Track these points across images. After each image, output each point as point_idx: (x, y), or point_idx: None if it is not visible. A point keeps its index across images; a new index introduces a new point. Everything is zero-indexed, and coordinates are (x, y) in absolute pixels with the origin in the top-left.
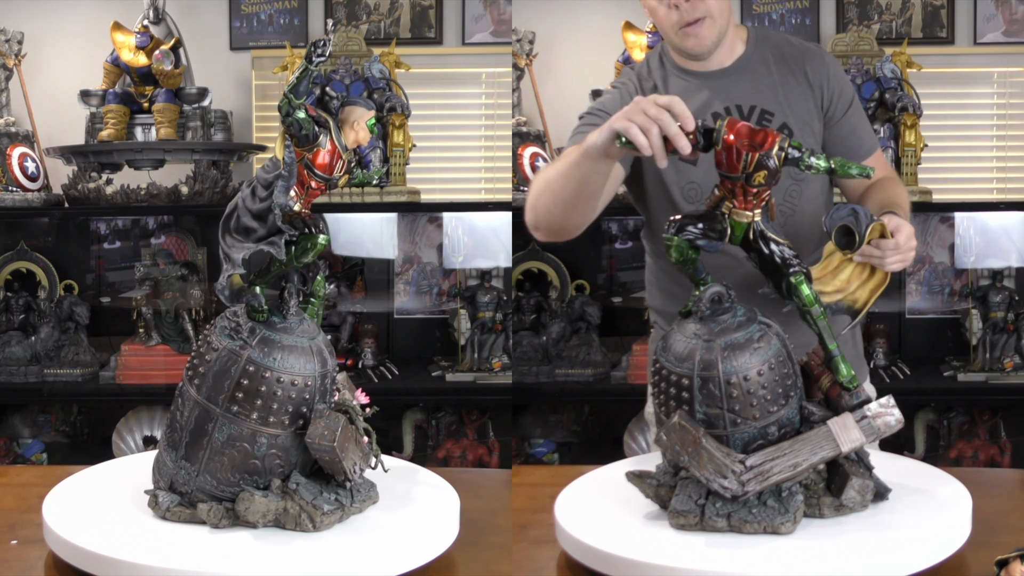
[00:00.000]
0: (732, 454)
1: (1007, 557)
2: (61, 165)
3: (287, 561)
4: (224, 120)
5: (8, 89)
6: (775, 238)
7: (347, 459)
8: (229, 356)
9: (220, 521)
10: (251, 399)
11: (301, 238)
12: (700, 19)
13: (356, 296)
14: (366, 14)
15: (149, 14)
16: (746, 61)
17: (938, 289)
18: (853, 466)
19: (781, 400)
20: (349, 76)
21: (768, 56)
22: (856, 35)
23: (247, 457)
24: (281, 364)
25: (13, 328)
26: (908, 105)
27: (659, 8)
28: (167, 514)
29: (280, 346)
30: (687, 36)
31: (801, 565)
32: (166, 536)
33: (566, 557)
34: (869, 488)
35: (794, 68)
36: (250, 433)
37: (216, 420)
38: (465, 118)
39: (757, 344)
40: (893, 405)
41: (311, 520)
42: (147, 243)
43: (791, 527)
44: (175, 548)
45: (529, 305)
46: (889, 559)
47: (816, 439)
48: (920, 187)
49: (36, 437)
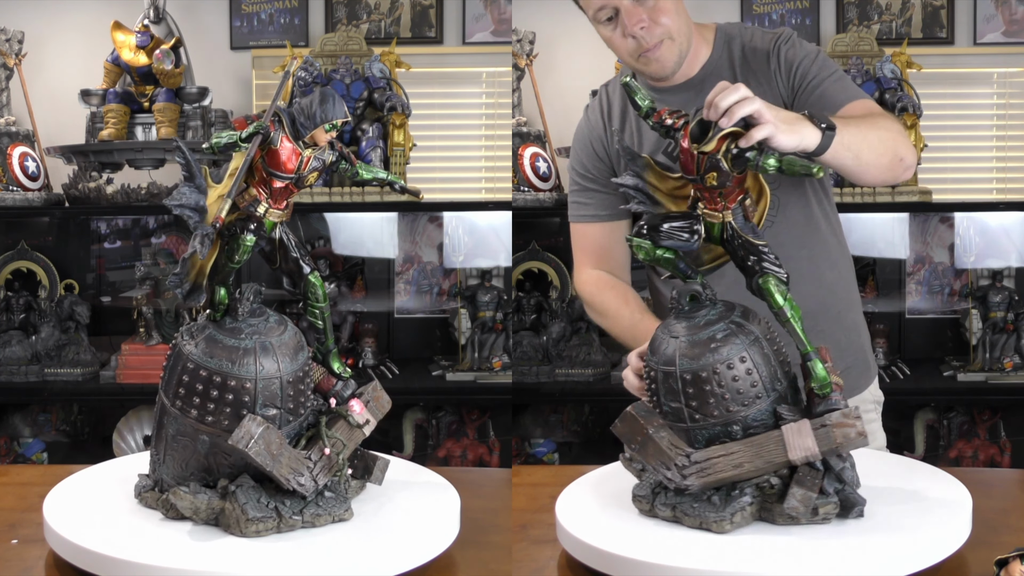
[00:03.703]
0: (680, 448)
1: (1007, 557)
2: (61, 164)
3: (287, 561)
4: (224, 119)
5: (8, 88)
6: (747, 239)
7: (278, 467)
8: (177, 354)
9: (168, 511)
10: (190, 396)
11: (230, 239)
12: (658, 43)
13: (356, 296)
14: (366, 13)
15: (149, 13)
16: (711, 68)
17: (938, 289)
18: (807, 475)
19: (745, 400)
20: (349, 75)
21: (734, 57)
22: (856, 35)
23: (193, 454)
24: (218, 364)
25: (13, 328)
26: (908, 105)
27: (614, 38)
28: (139, 498)
29: (221, 346)
30: (648, 61)
31: (801, 565)
32: (167, 536)
33: (567, 557)
34: (811, 500)
35: (758, 68)
36: (192, 430)
37: (168, 414)
38: (465, 118)
39: (717, 343)
40: (858, 416)
41: (238, 524)
42: (147, 242)
43: (726, 526)
44: (175, 548)
45: (529, 305)
46: (889, 559)
47: (765, 443)
48: (920, 187)
49: (37, 436)
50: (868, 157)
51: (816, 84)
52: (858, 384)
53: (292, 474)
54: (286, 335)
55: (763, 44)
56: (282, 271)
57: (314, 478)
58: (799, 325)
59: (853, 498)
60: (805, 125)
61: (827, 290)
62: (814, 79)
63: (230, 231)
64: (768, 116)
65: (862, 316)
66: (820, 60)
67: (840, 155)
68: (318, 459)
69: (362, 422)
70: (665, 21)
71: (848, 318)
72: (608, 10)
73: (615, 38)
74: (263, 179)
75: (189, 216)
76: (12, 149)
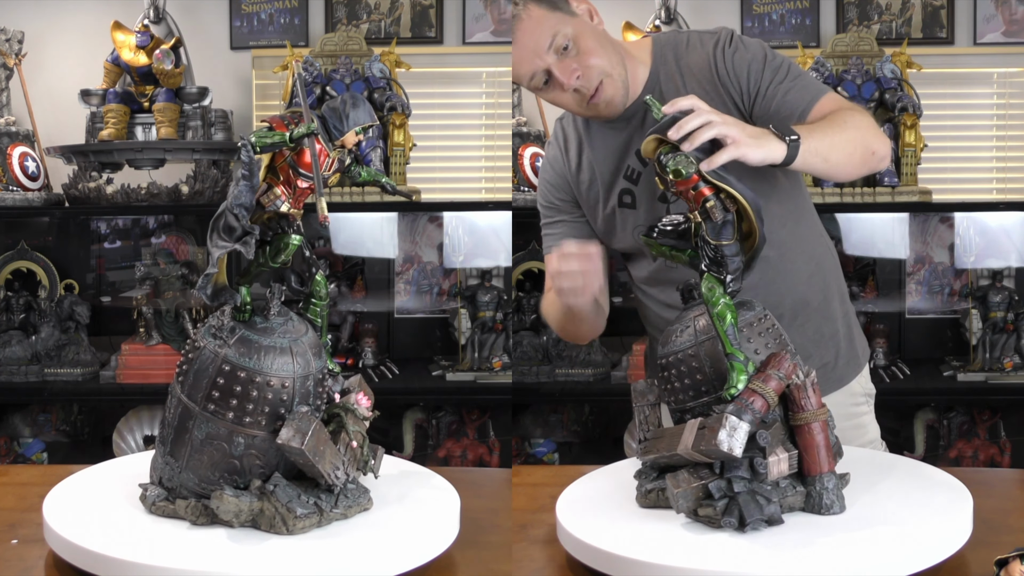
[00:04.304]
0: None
1: (1007, 557)
2: (61, 164)
3: (288, 561)
4: (224, 119)
5: (8, 88)
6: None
7: (323, 463)
8: (208, 355)
9: (198, 518)
10: (227, 399)
11: (274, 238)
12: (599, 85)
13: (356, 296)
14: (367, 13)
15: (149, 13)
16: (651, 85)
17: (938, 289)
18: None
19: (691, 391)
20: (349, 75)
21: (672, 68)
22: (856, 35)
23: (225, 456)
24: (257, 364)
25: (13, 328)
26: (908, 105)
27: (561, 97)
28: (152, 508)
29: (257, 347)
30: (597, 107)
31: (801, 565)
32: (167, 536)
33: (567, 557)
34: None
35: (700, 74)
36: (227, 432)
37: (196, 418)
38: (465, 118)
39: (678, 335)
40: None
41: (284, 523)
42: (147, 242)
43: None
44: (176, 547)
45: (529, 305)
46: (889, 559)
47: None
48: (920, 187)
49: (37, 436)
50: (838, 157)
51: (774, 93)
52: (845, 374)
53: (332, 468)
54: (310, 333)
55: (701, 52)
56: (292, 270)
57: (345, 471)
58: (722, 326)
59: (747, 509)
60: (770, 139)
61: (805, 284)
62: (770, 86)
63: (272, 231)
64: (733, 134)
65: (849, 305)
66: (770, 63)
67: (809, 161)
68: (345, 452)
69: (368, 415)
70: (595, 62)
71: (831, 308)
72: (540, 75)
73: (559, 98)
74: (288, 179)
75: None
76: (12, 149)
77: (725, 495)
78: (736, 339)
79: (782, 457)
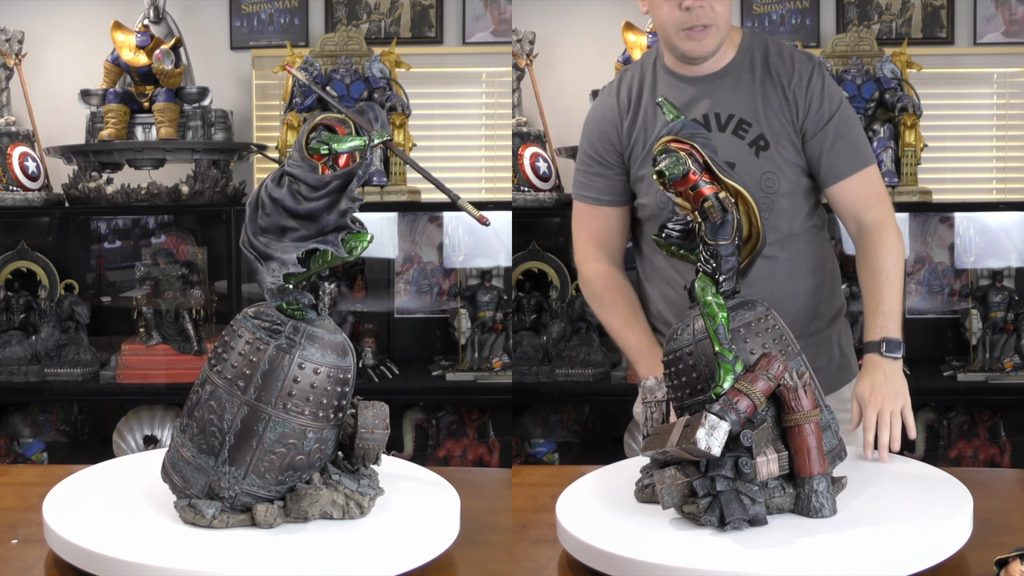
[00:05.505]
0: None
1: (1007, 557)
2: (61, 164)
3: (288, 560)
4: (224, 119)
5: (8, 88)
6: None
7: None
8: (277, 355)
9: (275, 520)
10: (303, 396)
11: (350, 235)
12: (707, 26)
13: (356, 295)
14: (366, 13)
15: (149, 13)
16: (733, 68)
17: (938, 289)
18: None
19: (689, 388)
20: (349, 75)
21: (756, 64)
22: (856, 35)
23: (295, 454)
24: (324, 359)
25: (13, 328)
26: (908, 105)
27: (664, 6)
28: (214, 522)
29: (323, 342)
30: (689, 39)
31: (801, 565)
32: (166, 536)
33: (567, 557)
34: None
35: (776, 80)
36: (301, 430)
37: (267, 420)
38: (465, 118)
39: (680, 334)
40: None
41: (359, 507)
42: (147, 242)
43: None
44: (175, 548)
45: (529, 305)
46: (889, 559)
47: (670, 429)
48: (920, 187)
49: (37, 436)
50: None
51: (831, 143)
52: (835, 380)
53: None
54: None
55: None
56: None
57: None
58: (712, 325)
59: (728, 509)
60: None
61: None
62: (831, 132)
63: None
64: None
65: (844, 319)
66: (842, 113)
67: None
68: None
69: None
70: (719, 8)
71: (828, 317)
72: None
73: (665, 7)
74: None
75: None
76: (12, 149)
77: (708, 493)
78: (726, 338)
79: (771, 458)
